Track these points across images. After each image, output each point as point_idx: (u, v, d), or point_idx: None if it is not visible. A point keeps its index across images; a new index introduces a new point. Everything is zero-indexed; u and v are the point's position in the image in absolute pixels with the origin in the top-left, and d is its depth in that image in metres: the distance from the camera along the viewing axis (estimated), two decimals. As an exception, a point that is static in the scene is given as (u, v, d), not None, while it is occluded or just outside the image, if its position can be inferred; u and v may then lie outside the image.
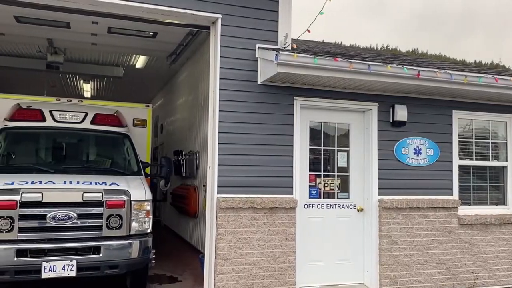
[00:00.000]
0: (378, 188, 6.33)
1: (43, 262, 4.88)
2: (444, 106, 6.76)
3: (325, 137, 6.40)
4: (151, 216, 5.62)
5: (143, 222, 5.49)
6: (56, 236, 5.07)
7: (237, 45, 5.79)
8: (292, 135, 5.96)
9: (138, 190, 5.63)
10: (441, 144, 6.70)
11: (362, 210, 6.41)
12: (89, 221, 5.21)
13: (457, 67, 7.42)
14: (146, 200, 5.56)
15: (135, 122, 7.85)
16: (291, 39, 6.02)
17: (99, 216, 5.24)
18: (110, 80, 11.99)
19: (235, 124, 5.72)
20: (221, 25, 5.76)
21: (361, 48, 22.00)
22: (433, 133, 6.66)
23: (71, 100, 7.47)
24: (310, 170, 6.25)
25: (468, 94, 6.58)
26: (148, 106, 8.14)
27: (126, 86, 12.41)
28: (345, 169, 6.45)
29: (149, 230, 5.59)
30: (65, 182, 5.37)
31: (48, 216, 5.03)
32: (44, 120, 6.54)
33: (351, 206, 6.40)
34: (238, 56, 5.79)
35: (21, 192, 4.98)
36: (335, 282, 6.22)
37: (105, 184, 5.48)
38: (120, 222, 5.31)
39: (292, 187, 5.91)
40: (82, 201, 5.19)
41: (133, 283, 5.94)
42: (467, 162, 7.02)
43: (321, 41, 12.92)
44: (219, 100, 5.69)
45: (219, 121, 5.66)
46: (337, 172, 6.41)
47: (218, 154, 5.63)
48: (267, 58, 5.53)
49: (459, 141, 6.91)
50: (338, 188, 6.40)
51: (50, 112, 6.60)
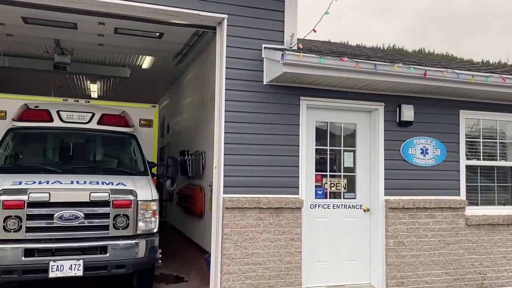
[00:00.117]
0: (385, 188, 6.31)
1: (51, 262, 4.92)
2: (451, 106, 6.72)
3: (331, 137, 6.38)
4: (158, 216, 5.64)
5: (150, 222, 5.51)
6: (63, 236, 5.10)
7: (243, 45, 5.79)
8: (298, 135, 5.95)
9: (145, 190, 5.65)
10: (448, 144, 6.66)
11: (369, 210, 6.39)
12: (96, 221, 5.23)
13: (464, 67, 7.37)
14: (153, 200, 5.57)
15: (142, 122, 7.88)
16: (297, 39, 6.01)
17: (106, 216, 5.26)
18: (117, 81, 12.04)
19: (241, 124, 5.72)
20: (227, 25, 5.76)
21: (368, 48, 21.95)
22: (440, 133, 6.62)
23: (78, 101, 7.51)
24: (316, 170, 6.24)
25: (476, 94, 6.54)
26: (155, 106, 8.16)
27: (133, 87, 12.45)
28: (352, 169, 6.43)
29: (156, 230, 5.61)
30: (72, 182, 5.40)
31: (55, 216, 5.06)
32: (52, 121, 6.57)
33: (358, 206, 6.39)
34: (244, 56, 5.79)
35: (29, 192, 5.02)
36: (342, 283, 6.20)
37: (112, 184, 5.51)
38: (127, 222, 5.33)
39: (298, 187, 5.90)
40: (89, 201, 5.22)
41: (140, 283, 5.96)
42: (475, 162, 6.98)
43: (327, 41, 12.90)
44: (225, 100, 5.69)
45: (225, 121, 5.67)
46: (343, 172, 6.39)
47: (224, 154, 5.64)
48: (273, 58, 5.53)
49: (466, 141, 6.86)
50: (345, 188, 6.38)
51: (57, 113, 6.64)
